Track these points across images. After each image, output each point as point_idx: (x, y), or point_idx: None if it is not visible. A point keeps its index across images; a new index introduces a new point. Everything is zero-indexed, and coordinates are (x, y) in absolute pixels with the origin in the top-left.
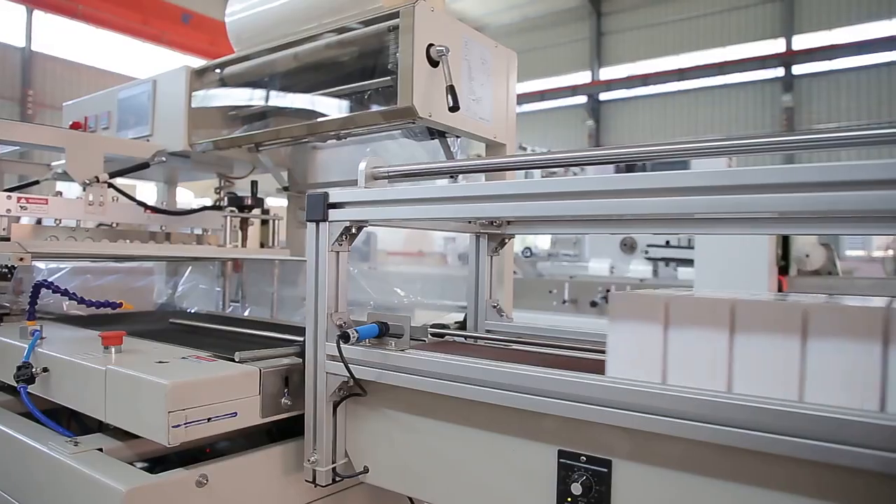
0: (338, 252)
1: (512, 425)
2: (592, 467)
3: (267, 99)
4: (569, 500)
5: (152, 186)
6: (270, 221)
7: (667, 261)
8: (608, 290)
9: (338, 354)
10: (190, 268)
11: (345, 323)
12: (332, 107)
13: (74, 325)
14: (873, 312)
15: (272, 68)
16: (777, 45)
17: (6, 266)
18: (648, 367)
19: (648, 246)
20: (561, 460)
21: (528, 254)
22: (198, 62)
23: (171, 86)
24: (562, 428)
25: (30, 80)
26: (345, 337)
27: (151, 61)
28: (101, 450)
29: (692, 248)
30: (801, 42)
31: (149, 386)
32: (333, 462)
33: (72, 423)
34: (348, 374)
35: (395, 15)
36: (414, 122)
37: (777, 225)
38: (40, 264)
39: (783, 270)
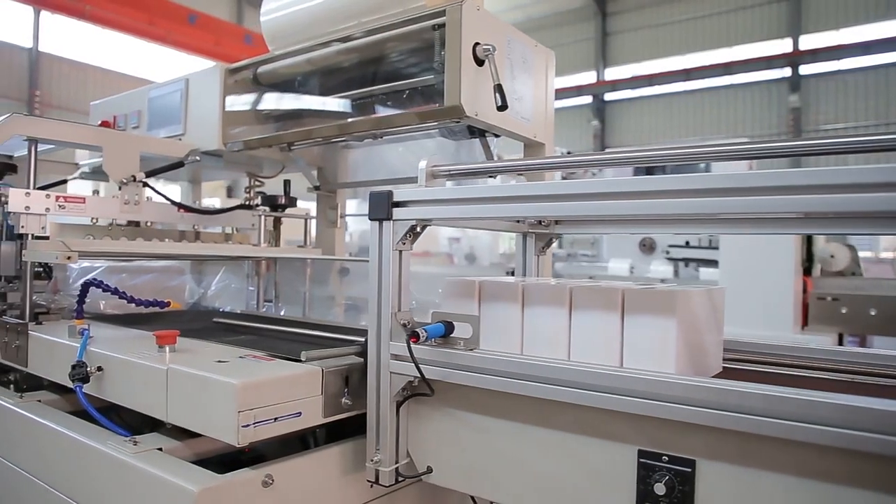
0: (401, 251)
1: (588, 425)
2: (675, 467)
3: (302, 98)
4: (649, 500)
5: (161, 185)
6: (304, 221)
7: (687, 261)
8: None
9: (404, 354)
10: (224, 267)
11: (408, 322)
12: (371, 106)
13: (115, 324)
14: (615, 292)
15: (308, 67)
16: (784, 45)
17: (42, 265)
18: None
19: (669, 246)
20: (641, 460)
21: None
22: (203, 62)
23: (204, 85)
24: (642, 427)
25: (37, 80)
26: (414, 336)
27: (157, 61)
28: (160, 449)
29: (713, 248)
30: (808, 42)
31: (218, 386)
32: (396, 462)
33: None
34: (414, 374)
35: (441, 13)
36: (459, 122)
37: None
38: (73, 264)
39: (806, 271)
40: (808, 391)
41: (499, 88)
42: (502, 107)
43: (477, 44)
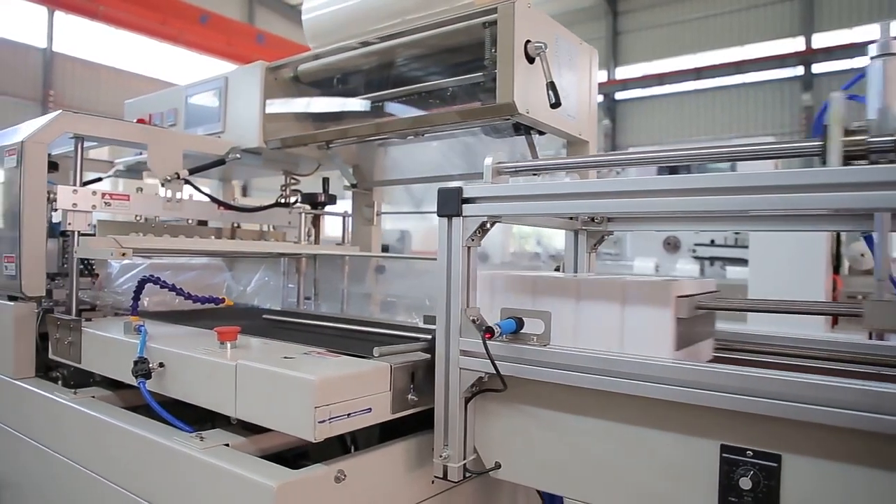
0: (469, 247)
1: (667, 420)
2: (760, 462)
3: (343, 96)
4: (732, 496)
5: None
6: (342, 219)
7: (712, 260)
8: None
9: (474, 350)
10: (264, 265)
11: (477, 318)
12: (414, 104)
13: (164, 321)
14: (614, 284)
15: (350, 65)
16: (796, 44)
17: (83, 262)
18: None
19: (696, 245)
20: (724, 455)
21: None
22: (215, 62)
23: (244, 83)
24: (724, 421)
25: (51, 80)
26: (489, 332)
27: (169, 61)
28: (226, 445)
29: (740, 246)
30: (821, 40)
31: (294, 381)
32: (464, 458)
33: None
34: (484, 370)
35: (492, 11)
36: (509, 119)
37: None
38: (114, 262)
39: (834, 270)
40: None
41: (552, 86)
42: (556, 104)
43: (528, 41)
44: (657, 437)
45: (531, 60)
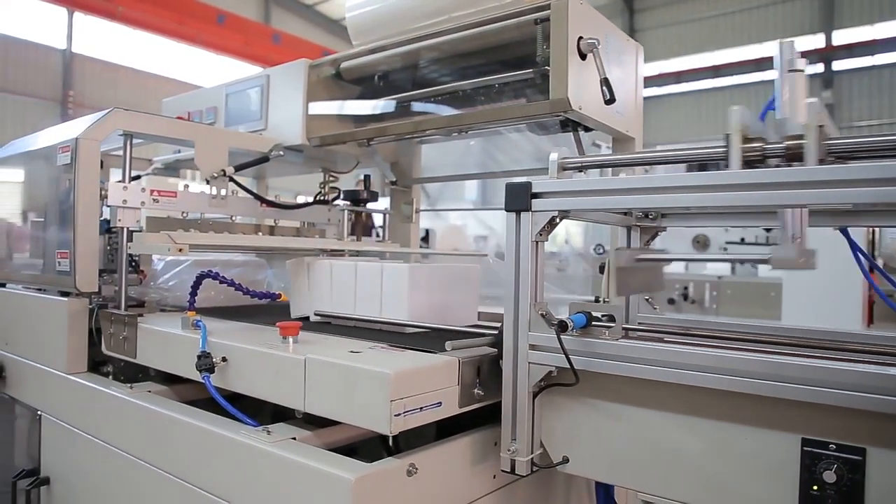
0: (538, 242)
1: (745, 413)
2: (844, 455)
3: (387, 94)
4: (814, 489)
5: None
6: (383, 216)
7: (742, 259)
8: (685, 288)
9: (544, 344)
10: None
11: (546, 313)
12: (460, 101)
13: (214, 317)
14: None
15: (395, 63)
16: (816, 41)
17: (130, 259)
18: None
19: (727, 243)
20: (805, 448)
21: (601, 251)
22: (232, 62)
23: (286, 80)
24: (806, 415)
25: (70, 81)
26: (562, 326)
27: (186, 62)
28: (293, 439)
29: (771, 245)
30: (842, 37)
31: (369, 375)
32: (531, 452)
33: None
34: (554, 364)
35: (545, 7)
36: (560, 115)
37: None
38: (159, 258)
39: (870, 268)
40: None
41: (605, 82)
42: (610, 100)
43: (581, 37)
44: (735, 430)
45: (583, 57)
